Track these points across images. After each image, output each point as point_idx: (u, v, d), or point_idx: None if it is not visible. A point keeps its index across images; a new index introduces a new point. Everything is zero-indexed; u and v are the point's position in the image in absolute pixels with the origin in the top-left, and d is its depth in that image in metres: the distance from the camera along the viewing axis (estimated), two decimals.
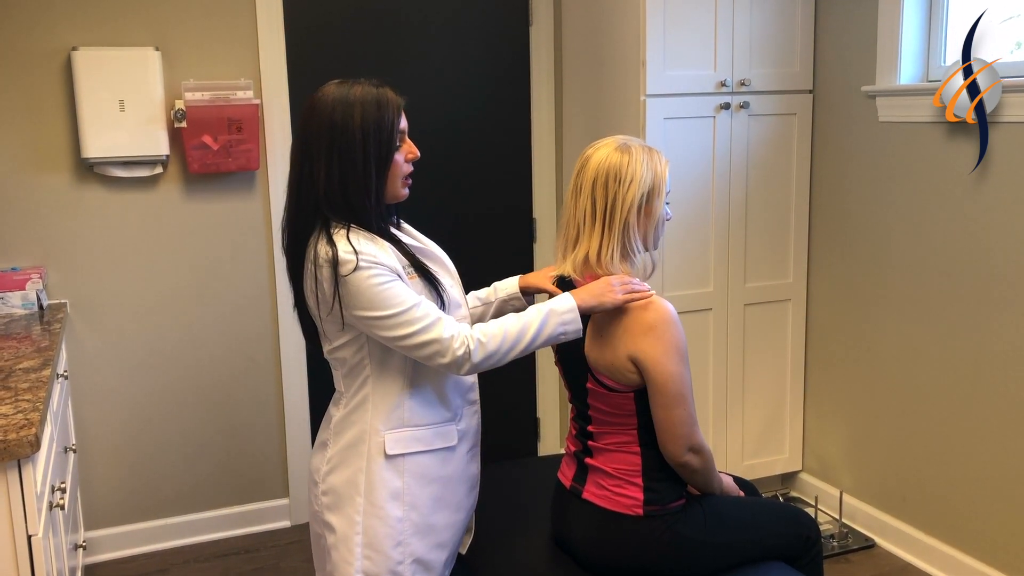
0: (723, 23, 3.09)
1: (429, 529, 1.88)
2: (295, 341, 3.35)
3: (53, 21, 2.95)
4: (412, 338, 1.74)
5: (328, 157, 1.78)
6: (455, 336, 1.75)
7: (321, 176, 1.79)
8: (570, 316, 1.81)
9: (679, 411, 1.82)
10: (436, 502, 1.89)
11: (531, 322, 1.80)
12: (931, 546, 2.99)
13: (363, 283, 1.73)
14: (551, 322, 1.80)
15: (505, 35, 3.53)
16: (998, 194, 2.67)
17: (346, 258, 1.73)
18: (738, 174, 3.22)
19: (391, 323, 1.74)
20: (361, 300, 1.74)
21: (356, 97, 1.80)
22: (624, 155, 1.87)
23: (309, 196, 1.80)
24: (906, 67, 2.96)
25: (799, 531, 2.03)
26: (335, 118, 1.78)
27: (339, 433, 1.90)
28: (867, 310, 3.16)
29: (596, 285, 1.85)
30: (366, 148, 1.79)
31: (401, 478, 1.85)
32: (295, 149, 1.84)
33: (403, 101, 1.86)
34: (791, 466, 3.51)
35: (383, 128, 1.81)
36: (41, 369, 2.24)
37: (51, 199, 3.02)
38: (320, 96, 1.82)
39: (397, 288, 1.75)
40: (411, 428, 1.87)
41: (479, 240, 3.58)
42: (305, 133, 1.82)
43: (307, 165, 1.80)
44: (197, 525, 3.33)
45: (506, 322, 1.81)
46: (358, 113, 1.79)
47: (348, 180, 1.79)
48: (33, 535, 1.81)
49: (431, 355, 1.76)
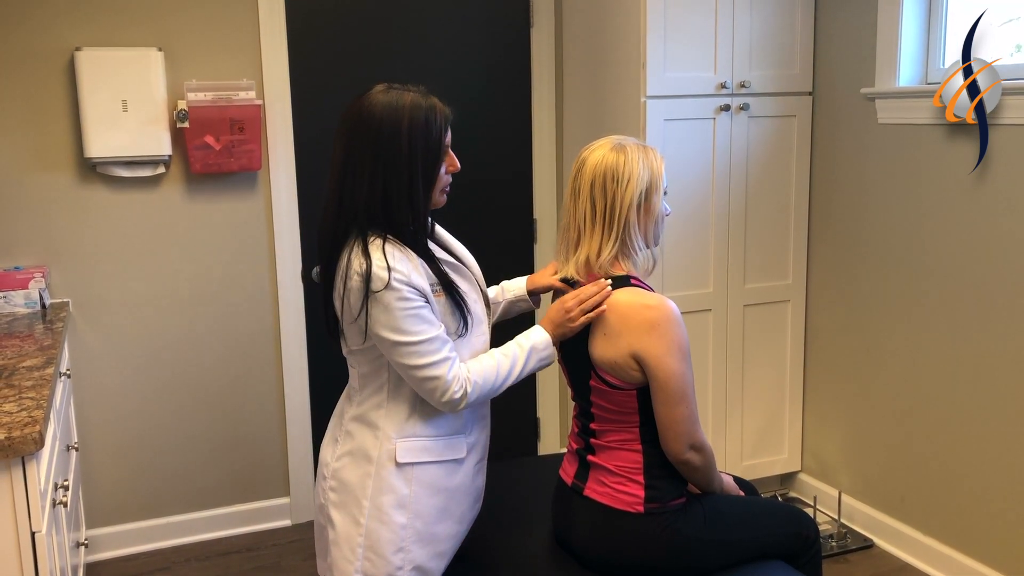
0: (723, 25, 3.10)
1: (431, 538, 1.89)
2: (296, 340, 3.36)
3: (56, 21, 2.96)
4: (418, 370, 1.79)
5: (373, 169, 1.77)
6: (455, 379, 1.81)
7: (364, 187, 1.77)
8: (547, 352, 1.94)
9: (681, 409, 1.84)
10: (441, 512, 1.90)
11: (517, 359, 1.90)
12: (929, 546, 3.00)
13: (391, 303, 1.75)
14: (533, 358, 1.92)
15: (506, 37, 3.54)
16: (998, 197, 2.68)
17: (379, 274, 1.74)
18: (738, 176, 3.23)
19: (404, 350, 1.77)
20: (384, 319, 1.76)
21: (405, 109, 1.78)
22: (620, 154, 1.89)
23: (351, 206, 1.79)
24: (905, 69, 2.97)
25: (798, 531, 2.04)
26: (383, 130, 1.77)
27: (351, 433, 1.92)
28: (866, 311, 3.17)
29: (554, 313, 1.93)
30: (412, 164, 1.78)
31: (409, 486, 1.86)
32: (339, 154, 1.81)
33: (451, 115, 1.85)
34: (790, 466, 3.52)
35: (431, 145, 1.80)
36: (44, 367, 2.25)
37: (54, 198, 3.04)
38: (368, 103, 1.79)
39: (420, 315, 1.77)
40: (422, 438, 1.88)
41: (480, 240, 3.57)
42: (351, 140, 1.79)
43: (351, 174, 1.79)
44: (198, 524, 3.34)
45: (497, 361, 1.89)
46: (406, 127, 1.77)
47: (392, 194, 1.78)
48: (37, 532, 1.83)
49: (430, 390, 1.81)
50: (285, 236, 3.29)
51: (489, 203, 3.61)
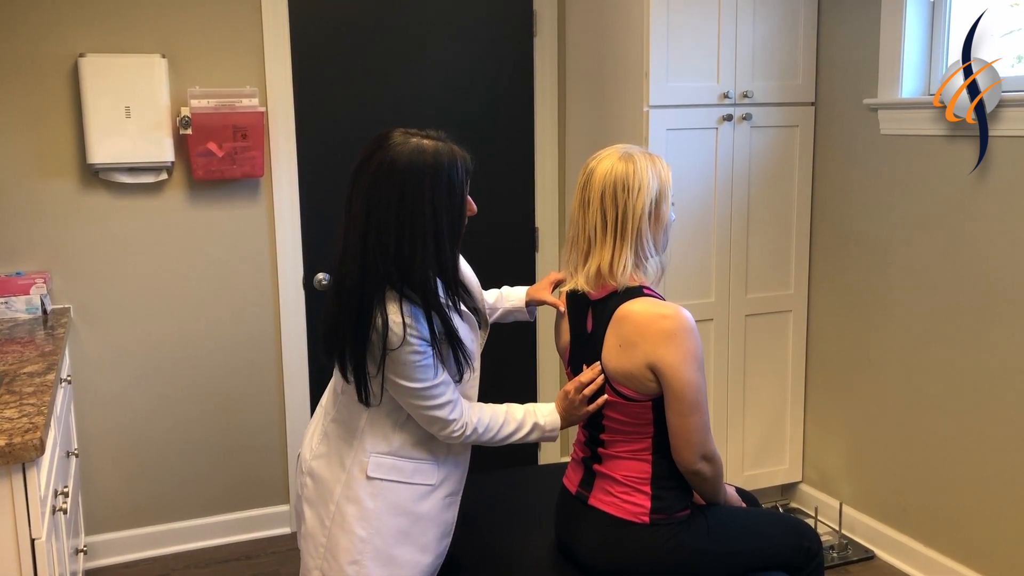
0: (726, 35, 3.11)
1: (389, 559, 1.89)
2: (297, 348, 3.36)
3: (60, 27, 2.97)
4: (427, 410, 1.85)
5: (399, 230, 1.74)
6: (458, 420, 1.88)
7: (390, 249, 1.74)
8: (552, 435, 2.02)
9: (695, 419, 1.84)
10: (401, 535, 1.90)
11: (521, 427, 1.99)
12: (931, 558, 2.99)
13: (406, 357, 1.77)
14: (535, 434, 2.00)
15: (509, 46, 3.55)
16: (999, 208, 2.68)
17: (395, 330, 1.75)
18: (740, 185, 3.23)
19: (417, 394, 1.82)
20: (398, 369, 1.79)
21: (428, 165, 1.75)
22: (629, 163, 1.88)
23: (378, 265, 1.75)
24: (908, 80, 2.98)
25: (801, 542, 2.04)
26: (406, 189, 1.73)
27: (328, 435, 1.95)
28: (868, 321, 3.17)
29: (561, 403, 1.99)
30: (438, 224, 1.76)
31: (374, 501, 1.88)
32: (360, 208, 1.75)
33: (471, 164, 1.83)
34: (791, 477, 3.51)
35: (454, 203, 1.79)
36: (45, 373, 2.25)
37: (56, 204, 3.04)
38: (389, 158, 1.74)
39: (430, 363, 1.81)
40: (396, 457, 1.90)
41: (482, 248, 3.59)
42: (372, 197, 1.74)
43: (374, 233, 1.74)
44: (197, 530, 3.33)
45: (504, 419, 1.96)
46: (429, 186, 1.74)
47: (415, 254, 1.75)
48: (37, 539, 1.82)
49: (431, 422, 1.87)
50: (287, 244, 3.29)
51: (492, 212, 3.60)
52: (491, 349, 2.22)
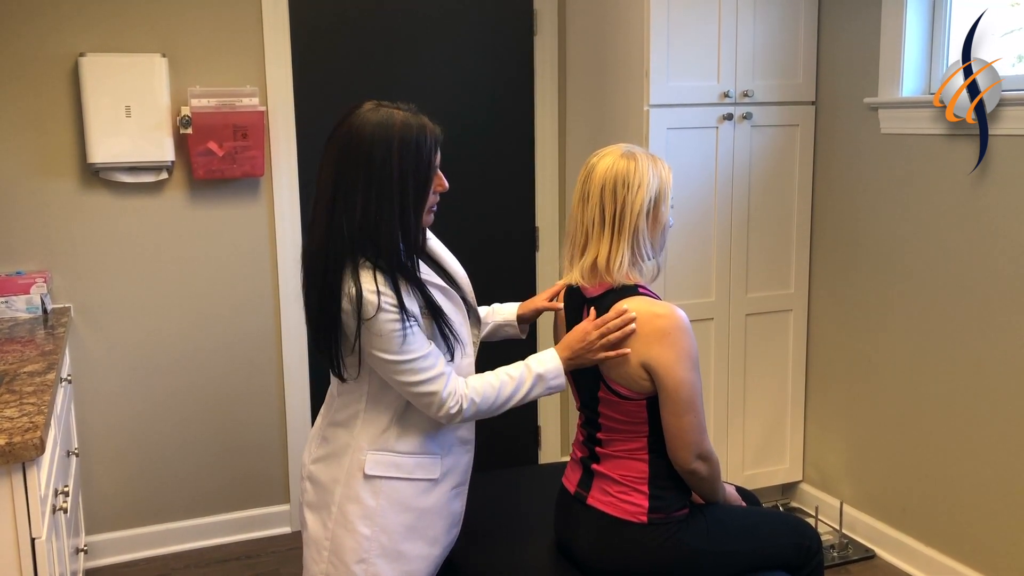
0: (726, 34, 3.11)
1: (398, 555, 1.88)
2: (298, 348, 3.36)
3: (61, 27, 2.97)
4: (415, 386, 1.80)
5: (365, 195, 1.76)
6: (452, 394, 1.82)
7: (356, 213, 1.76)
8: (556, 381, 1.91)
9: (689, 418, 1.84)
10: (409, 531, 1.89)
11: (522, 383, 1.89)
12: (931, 557, 2.99)
13: (383, 327, 1.75)
14: (539, 386, 1.90)
15: (509, 45, 3.55)
16: (999, 207, 2.68)
17: (370, 299, 1.74)
18: (740, 184, 3.23)
19: (400, 368, 1.78)
20: (377, 341, 1.77)
21: (396, 131, 1.76)
22: (630, 161, 1.89)
23: (342, 231, 1.76)
24: (908, 79, 2.98)
25: (801, 541, 2.04)
26: (374, 154, 1.75)
27: (327, 438, 1.94)
28: (868, 321, 3.17)
29: (575, 337, 1.89)
30: (403, 190, 1.77)
31: (376, 499, 1.87)
32: (328, 175, 1.79)
33: (441, 135, 1.83)
34: (791, 476, 3.51)
35: (421, 169, 1.79)
36: (45, 373, 2.25)
37: (57, 204, 3.04)
38: (357, 124, 1.78)
39: (413, 334, 1.77)
40: (394, 453, 1.88)
41: (482, 249, 3.59)
42: (340, 162, 1.78)
43: (341, 199, 1.77)
44: (198, 530, 3.33)
45: (500, 381, 1.87)
46: (397, 151, 1.76)
47: (383, 220, 1.76)
48: (37, 538, 1.82)
49: (427, 404, 1.83)
50: (287, 243, 3.29)
51: (492, 210, 3.61)
52: (491, 350, 2.22)
